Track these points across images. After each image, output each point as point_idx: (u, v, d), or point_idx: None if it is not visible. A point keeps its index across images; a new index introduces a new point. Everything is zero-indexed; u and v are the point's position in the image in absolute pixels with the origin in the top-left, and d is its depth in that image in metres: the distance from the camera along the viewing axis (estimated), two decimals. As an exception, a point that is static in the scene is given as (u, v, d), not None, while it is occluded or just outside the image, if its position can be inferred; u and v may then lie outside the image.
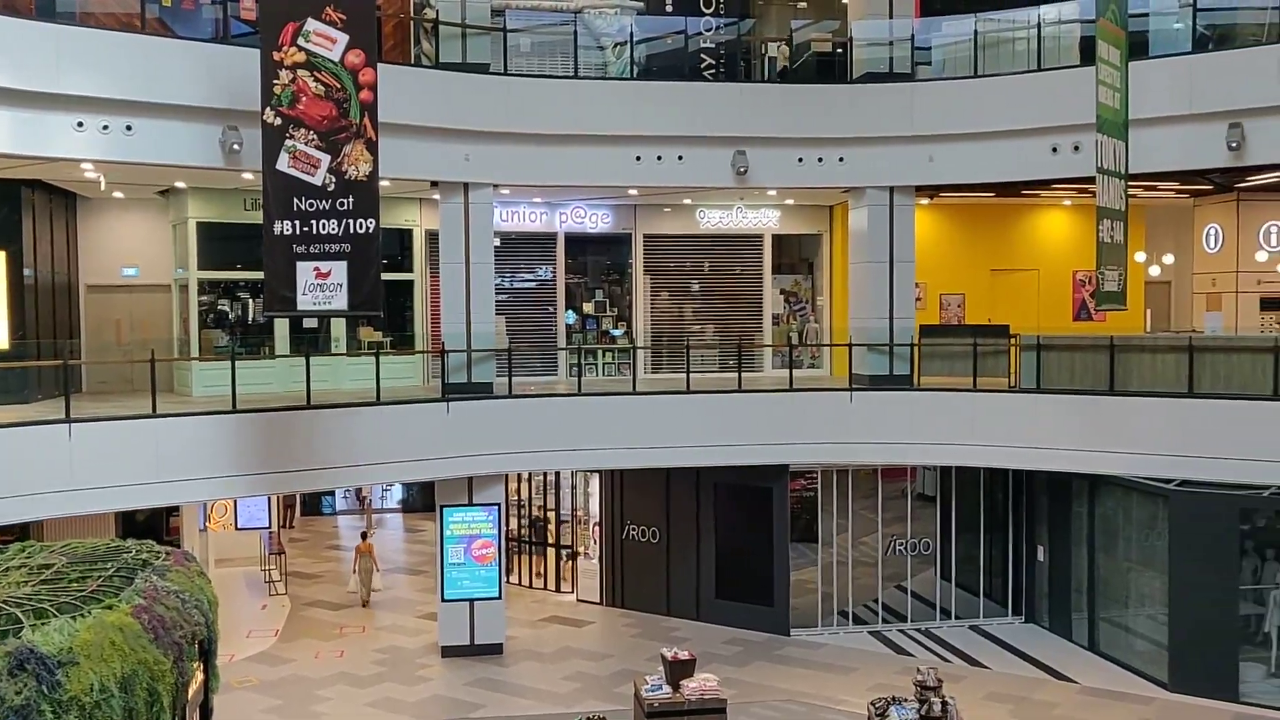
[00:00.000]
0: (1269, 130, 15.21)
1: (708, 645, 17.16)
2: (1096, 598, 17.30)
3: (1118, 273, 15.46)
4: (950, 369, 17.62)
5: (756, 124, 17.29)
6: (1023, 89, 16.91)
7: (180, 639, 7.06)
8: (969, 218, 21.41)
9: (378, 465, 15.86)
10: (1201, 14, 16.38)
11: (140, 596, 6.98)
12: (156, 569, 7.69)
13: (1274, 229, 20.51)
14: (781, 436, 17.19)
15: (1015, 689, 15.47)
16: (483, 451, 16.38)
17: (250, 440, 14.42)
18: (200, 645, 7.85)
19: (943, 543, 18.62)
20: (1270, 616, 15.27)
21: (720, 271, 21.39)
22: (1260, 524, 15.34)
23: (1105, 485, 16.94)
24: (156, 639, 6.67)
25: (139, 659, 6.39)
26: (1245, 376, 15.28)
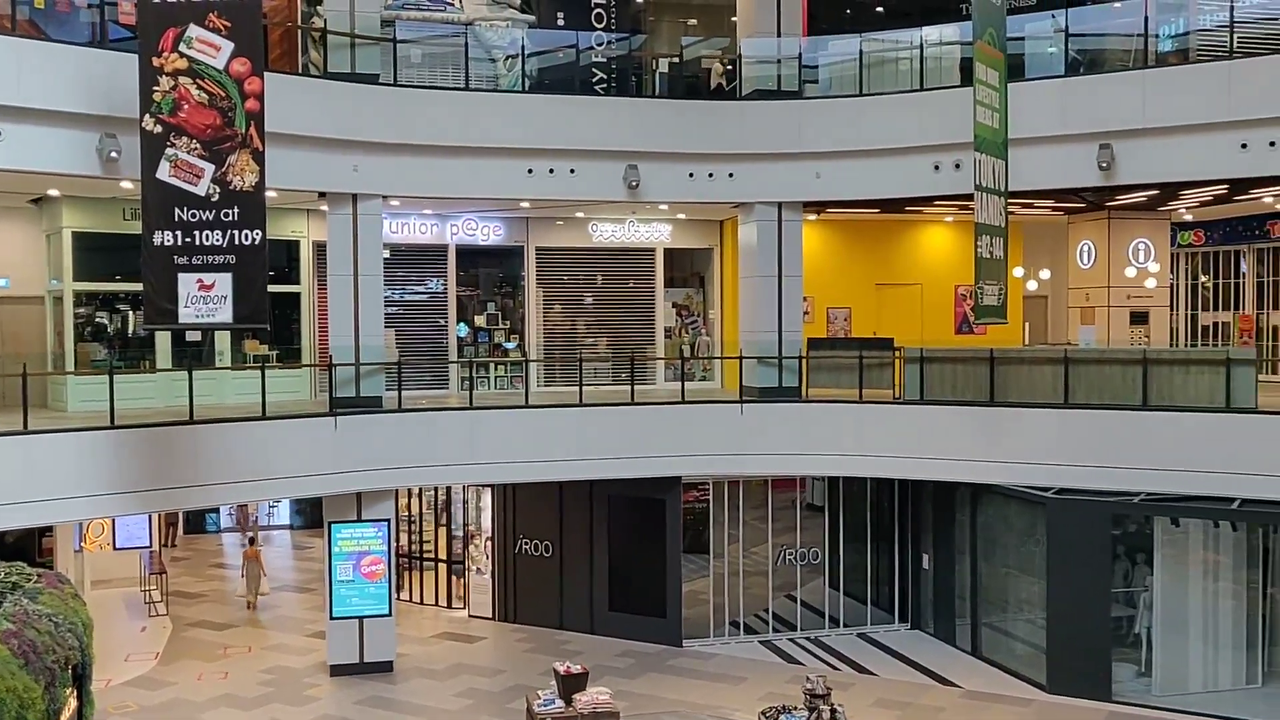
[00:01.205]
0: (1136, 151, 15.90)
1: (601, 658, 17.16)
2: (979, 604, 17.77)
3: (997, 287, 15.97)
4: (837, 381, 17.94)
5: (648, 139, 17.42)
6: (906, 108, 17.36)
7: (53, 664, 6.82)
8: (855, 233, 21.87)
9: (263, 481, 15.51)
10: (1073, 39, 17.05)
11: (9, 621, 6.73)
12: (27, 592, 7.43)
13: (1142, 246, 21.36)
14: (674, 449, 17.29)
15: (901, 694, 15.79)
16: (372, 467, 16.15)
17: (129, 457, 13.99)
18: (74, 670, 7.58)
19: (831, 552, 18.94)
20: (1140, 618, 15.87)
21: (613, 285, 21.46)
22: (1131, 529, 15.93)
23: (987, 494, 17.42)
24: (27, 664, 6.44)
25: (8, 686, 6.16)
26: (1116, 387, 15.90)
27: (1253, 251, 23.21)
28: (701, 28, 21.75)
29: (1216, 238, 23.71)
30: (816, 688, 12.56)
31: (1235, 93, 15.15)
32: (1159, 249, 21.64)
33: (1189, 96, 15.50)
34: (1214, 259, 24.21)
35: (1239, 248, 23.45)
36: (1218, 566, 15.88)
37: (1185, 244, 24.24)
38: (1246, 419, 14.90)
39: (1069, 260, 22.68)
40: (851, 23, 21.94)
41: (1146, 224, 21.52)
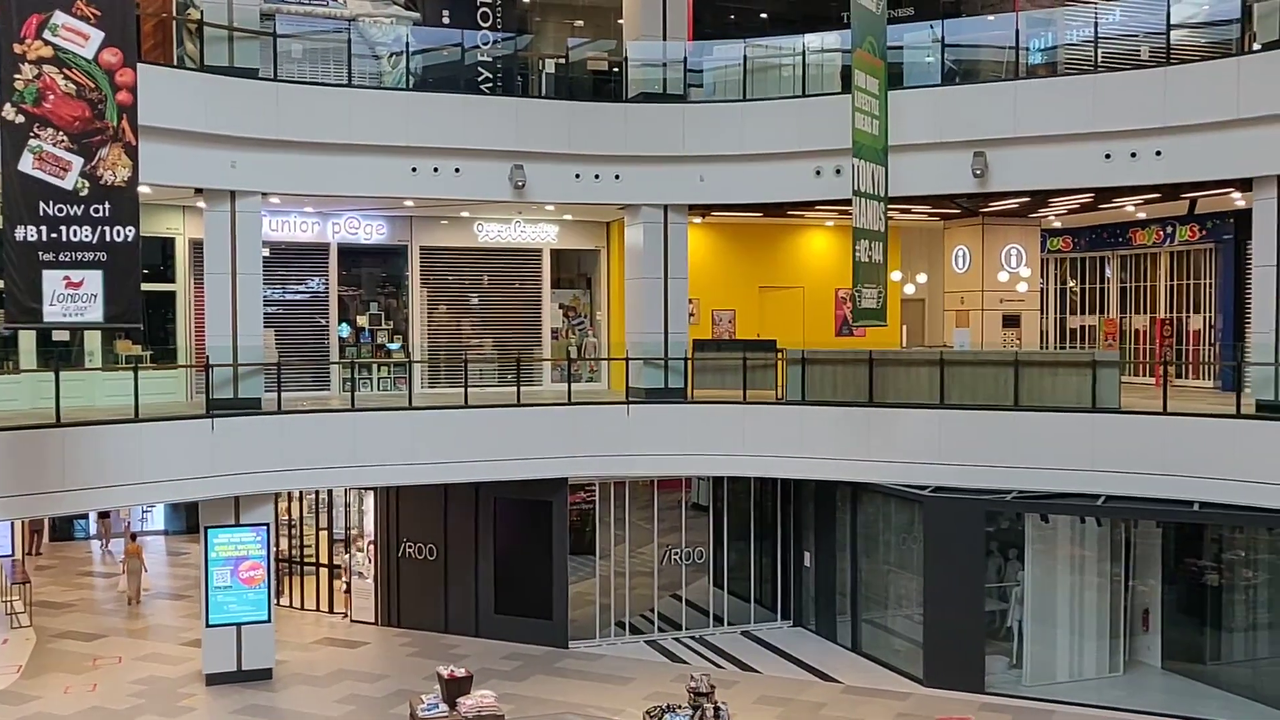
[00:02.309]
0: (1008, 159, 16.46)
1: (486, 661, 17.05)
2: (859, 600, 18.14)
3: (876, 290, 16.35)
4: (722, 382, 18.15)
5: (534, 139, 17.39)
6: (788, 114, 17.66)
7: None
8: (739, 236, 22.15)
9: (136, 486, 14.98)
10: (949, 49, 17.57)
11: None
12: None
13: (1014, 251, 22.10)
14: (560, 450, 17.27)
15: (784, 691, 16.03)
16: (250, 470, 15.75)
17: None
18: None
19: (716, 551, 19.14)
20: (1012, 612, 16.41)
21: (499, 285, 21.33)
22: (1004, 525, 16.45)
23: (866, 492, 17.80)
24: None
25: None
26: (990, 388, 16.42)
27: (1116, 258, 24.20)
28: (588, 30, 21.80)
29: (1083, 244, 24.65)
30: (700, 686, 12.69)
31: (1099, 105, 15.80)
32: (1030, 254, 22.42)
33: (1057, 108, 16.11)
34: (1081, 265, 25.17)
35: (1104, 254, 24.42)
36: (1084, 561, 16.49)
37: (1054, 250, 25.15)
38: (1111, 419, 15.53)
39: (945, 265, 23.33)
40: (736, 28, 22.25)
41: (1018, 230, 22.28)
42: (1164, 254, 22.96)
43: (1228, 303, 21.03)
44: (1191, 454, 14.82)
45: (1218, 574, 16.38)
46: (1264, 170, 14.95)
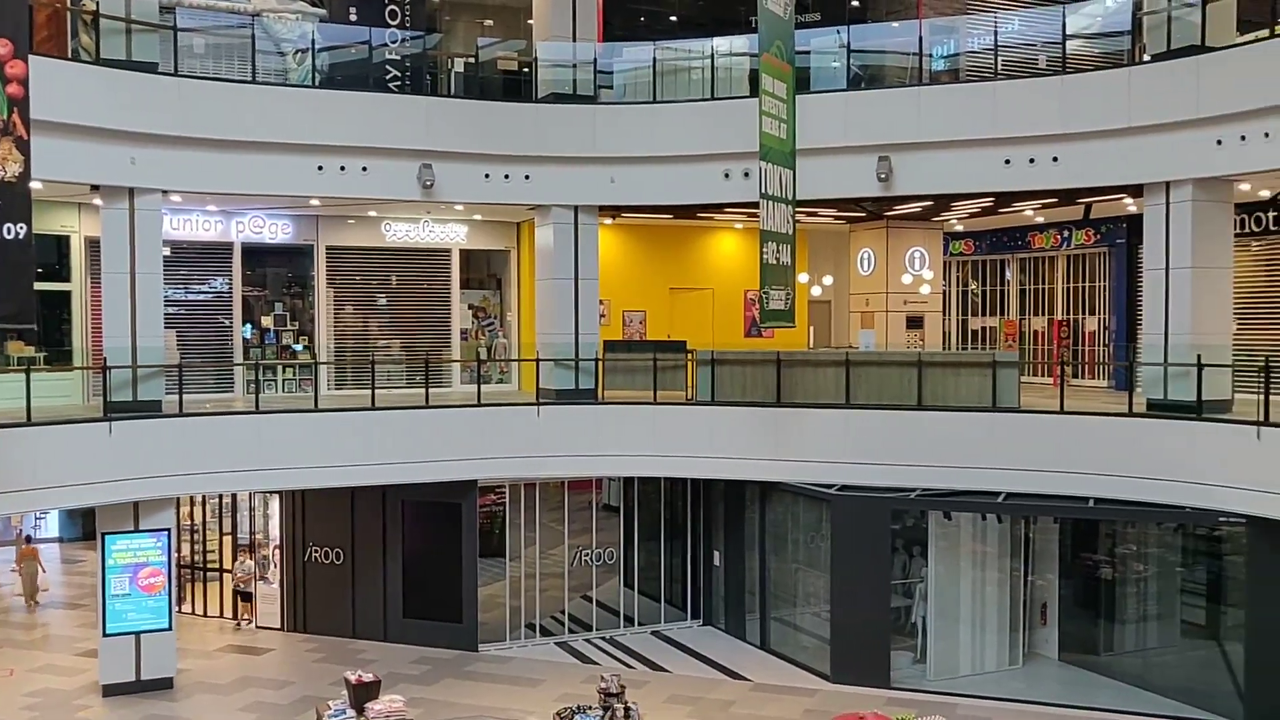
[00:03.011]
0: (912, 164, 16.80)
1: (395, 665, 16.87)
2: (767, 598, 18.34)
3: (784, 292, 16.53)
4: (633, 383, 18.22)
5: (443, 138, 17.25)
6: (697, 116, 17.80)
7: None
8: (650, 237, 22.26)
9: (30, 491, 14.50)
10: (855, 55, 17.88)
11: None
12: None
13: (918, 254, 22.55)
14: (470, 452, 17.17)
15: (694, 690, 16.14)
16: (150, 474, 15.35)
17: (-128, 468, 12.88)
18: None
19: (626, 552, 19.20)
20: (916, 608, 16.74)
21: (407, 286, 21.13)
22: (909, 523, 16.77)
23: (775, 491, 18.00)
24: None
25: None
26: (894, 388, 16.74)
27: (1016, 261, 24.83)
28: (498, 29, 21.71)
29: (984, 247, 25.25)
30: (611, 687, 12.71)
31: (999, 112, 16.21)
32: (933, 257, 22.90)
33: (959, 113, 16.50)
34: (982, 267, 25.78)
35: (1004, 257, 25.04)
36: (985, 557, 16.90)
37: (956, 253, 25.71)
38: (1010, 418, 15.95)
39: (851, 267, 23.71)
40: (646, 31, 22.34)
41: (921, 233, 22.74)
42: (1061, 257, 23.62)
43: (1121, 305, 21.73)
44: (1087, 452, 15.29)
45: (1111, 568, 16.91)
46: (1154, 177, 15.48)
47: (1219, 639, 15.34)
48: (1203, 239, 15.23)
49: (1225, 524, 14.60)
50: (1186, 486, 14.43)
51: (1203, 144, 14.69)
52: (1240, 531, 14.41)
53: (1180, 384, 15.04)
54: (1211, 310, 15.40)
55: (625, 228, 21.81)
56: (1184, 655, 15.99)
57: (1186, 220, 15.20)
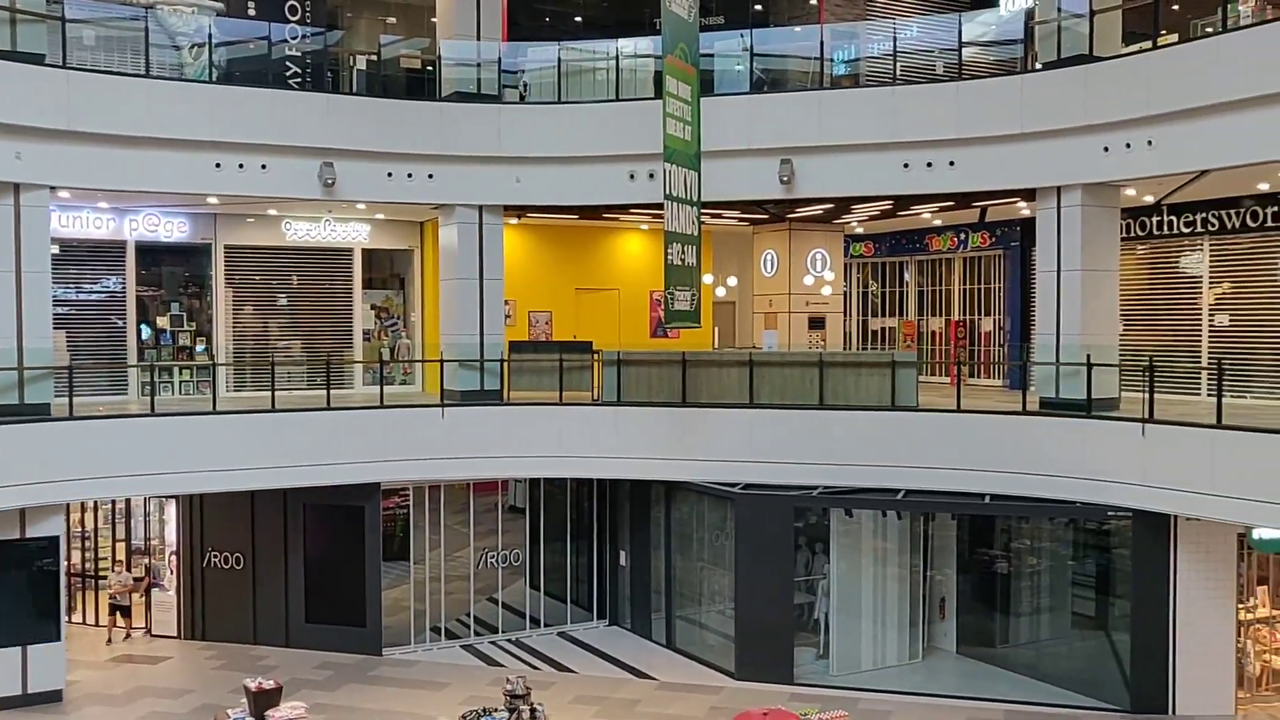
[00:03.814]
0: (813, 167, 17.06)
1: (297, 671, 16.60)
2: (673, 597, 18.46)
3: (690, 293, 16.65)
4: (539, 383, 18.19)
5: (345, 136, 17.04)
6: (603, 117, 17.84)
7: None
8: (556, 238, 22.24)
9: (-92, 499, 14.00)
10: (758, 59, 18.10)
11: None
12: None
13: (819, 256, 22.88)
14: (373, 454, 16.97)
15: (600, 690, 16.17)
16: (38, 479, 14.85)
17: None
18: None
19: (532, 553, 19.15)
20: (819, 604, 17.00)
21: (309, 285, 20.79)
22: (812, 520, 17.02)
23: (681, 491, 18.12)
24: None
25: None
26: (797, 388, 16.99)
27: (914, 263, 25.35)
28: (401, 27, 21.49)
29: (884, 249, 25.73)
30: (516, 688, 12.69)
31: (898, 116, 16.56)
32: (834, 259, 23.25)
33: (859, 118, 16.80)
34: (882, 269, 26.26)
35: (903, 259, 25.54)
36: (885, 553, 17.23)
37: (857, 255, 26.16)
38: (909, 416, 16.30)
39: (754, 268, 23.97)
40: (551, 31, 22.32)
41: (823, 235, 23.08)
42: (958, 259, 24.18)
43: (1015, 306, 22.33)
44: (983, 449, 15.71)
45: (1006, 562, 17.37)
46: (1045, 181, 15.96)
47: (1107, 630, 15.87)
48: (1091, 242, 15.75)
49: (1113, 518, 15.10)
50: (1077, 482, 14.92)
51: (1091, 150, 15.19)
52: (1127, 525, 14.92)
53: (1071, 383, 15.53)
54: (1100, 312, 15.93)
55: (530, 228, 21.76)
56: (1075, 646, 16.50)
57: (1076, 224, 15.70)
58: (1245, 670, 15.16)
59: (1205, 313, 18.28)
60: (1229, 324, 18.01)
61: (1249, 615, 15.31)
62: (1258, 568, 15.54)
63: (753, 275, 24.09)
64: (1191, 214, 18.30)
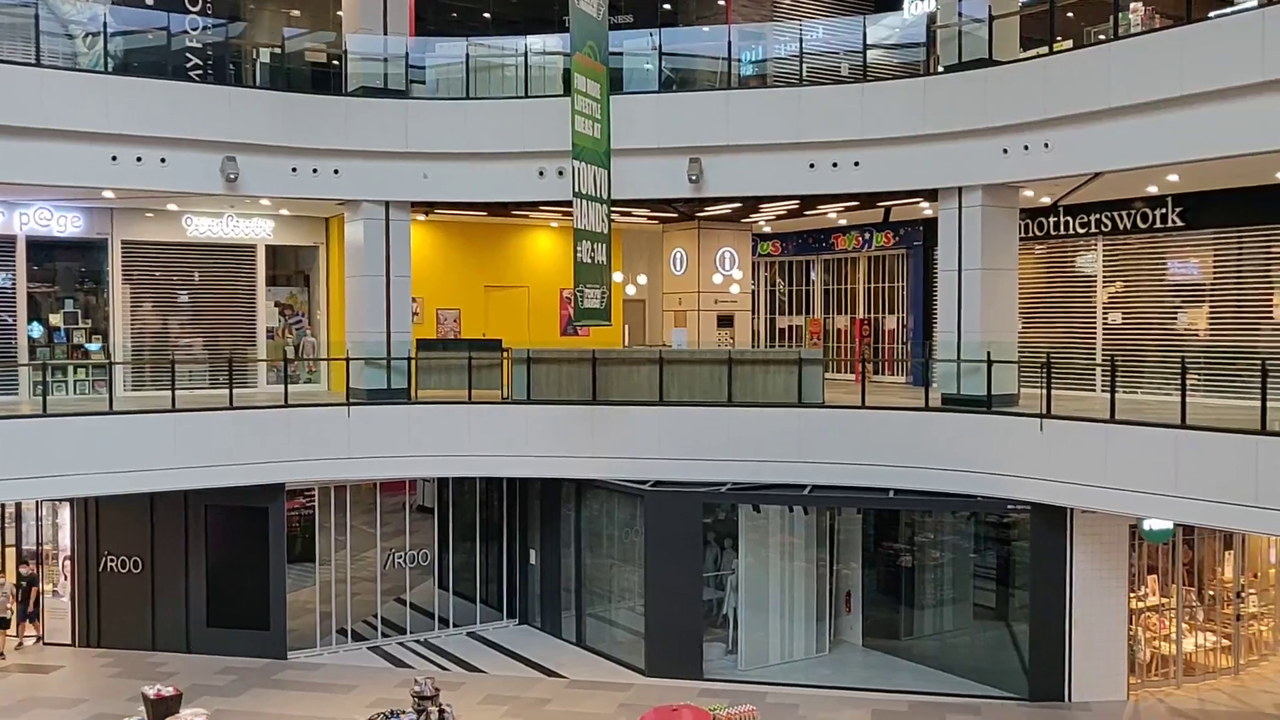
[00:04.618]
0: (721, 166, 17.20)
1: (198, 677, 16.24)
2: (583, 595, 18.46)
3: (600, 291, 16.68)
4: (447, 382, 18.03)
5: (248, 130, 16.70)
6: (511, 114, 17.75)
7: None
8: (464, 235, 22.07)
9: None
10: (667, 58, 18.18)
11: None
12: None
13: (727, 254, 23.07)
14: (277, 454, 16.67)
15: (509, 689, 16.11)
16: (-78, 483, 14.34)
17: None
18: None
19: (441, 553, 19.00)
20: (728, 600, 17.15)
21: (210, 282, 20.32)
22: (721, 516, 17.16)
23: (591, 489, 18.13)
24: None
25: None
26: (706, 386, 17.10)
27: (821, 262, 25.70)
28: (305, 20, 21.13)
29: (791, 248, 26.04)
30: (425, 690, 12.60)
31: (804, 117, 16.77)
32: (742, 258, 23.47)
33: (766, 118, 16.97)
34: (789, 268, 26.57)
35: (810, 258, 25.87)
36: (793, 548, 17.44)
37: (765, 254, 26.43)
38: (815, 413, 16.51)
39: (664, 266, 24.08)
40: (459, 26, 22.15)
41: (731, 234, 23.28)
42: (863, 258, 24.58)
43: (918, 304, 22.77)
44: (887, 445, 16.00)
45: (911, 556, 17.72)
46: (947, 182, 16.31)
47: (1007, 620, 16.28)
48: (991, 242, 16.13)
49: (1013, 511, 15.49)
50: (978, 477, 15.28)
51: (990, 152, 15.56)
52: (1026, 518, 15.32)
53: (972, 380, 15.89)
54: (999, 310, 16.33)
55: (439, 224, 21.57)
56: (976, 637, 16.90)
57: (977, 224, 16.07)
58: (1136, 657, 15.69)
59: (1099, 311, 18.84)
60: (1121, 322, 18.59)
61: (1140, 604, 15.84)
62: (1148, 557, 16.08)
63: (662, 273, 24.20)
64: (1086, 215, 18.84)
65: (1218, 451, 12.62)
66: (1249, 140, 12.80)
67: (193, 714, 12.71)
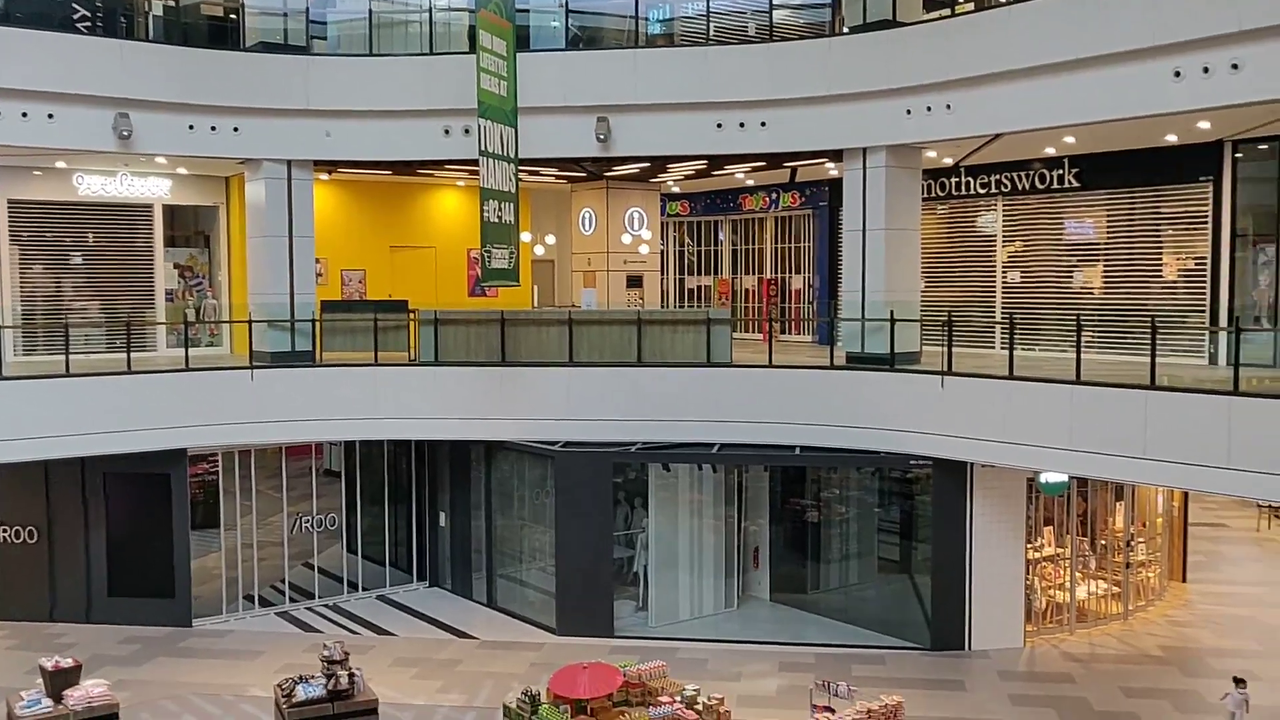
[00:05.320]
0: (629, 125, 17.15)
1: (100, 648, 15.91)
2: (494, 557, 18.46)
3: (507, 251, 16.56)
4: (353, 344, 17.79)
5: (142, 86, 16.19)
6: (416, 71, 17.47)
7: None
8: (369, 195, 21.72)
9: None
10: (573, 15, 18.04)
11: None
12: None
13: (636, 214, 23.05)
14: (178, 420, 16.31)
15: (420, 652, 16.07)
16: None
17: None
18: None
19: (349, 516, 18.82)
20: (638, 558, 17.30)
21: (105, 244, 19.72)
22: (631, 476, 17.26)
23: (501, 450, 18.09)
24: None
25: None
26: (616, 346, 17.14)
27: (728, 222, 25.86)
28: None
29: (699, 209, 26.14)
30: (334, 654, 12.52)
31: (711, 77, 16.78)
32: (651, 218, 23.48)
33: (674, 77, 16.95)
34: (698, 228, 26.68)
35: (718, 218, 26.02)
36: (701, 506, 17.63)
37: (673, 214, 26.50)
38: (724, 372, 16.67)
39: (573, 227, 23.98)
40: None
41: (640, 194, 23.25)
42: (770, 219, 24.78)
43: (824, 264, 23.06)
44: (794, 403, 16.22)
45: (817, 511, 18.04)
46: (852, 142, 16.49)
47: (910, 573, 16.70)
48: (895, 202, 16.37)
49: (915, 466, 15.84)
50: (881, 433, 15.59)
51: (894, 113, 15.76)
52: (928, 473, 15.69)
53: (875, 338, 16.17)
54: (903, 269, 16.62)
55: (343, 184, 21.18)
56: (881, 590, 17.32)
57: (881, 185, 16.28)
58: (1033, 605, 16.23)
59: (999, 270, 19.28)
60: (1020, 281, 19.05)
61: (1036, 554, 16.37)
62: (1044, 510, 16.61)
63: (571, 234, 24.10)
64: (987, 176, 19.22)
65: (1110, 406, 13.05)
66: (1141, 103, 13.16)
67: (93, 685, 12.46)
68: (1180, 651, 15.59)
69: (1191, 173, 16.79)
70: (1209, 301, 16.80)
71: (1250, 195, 16.49)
